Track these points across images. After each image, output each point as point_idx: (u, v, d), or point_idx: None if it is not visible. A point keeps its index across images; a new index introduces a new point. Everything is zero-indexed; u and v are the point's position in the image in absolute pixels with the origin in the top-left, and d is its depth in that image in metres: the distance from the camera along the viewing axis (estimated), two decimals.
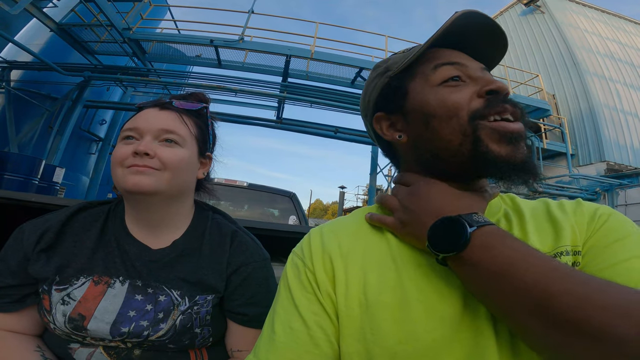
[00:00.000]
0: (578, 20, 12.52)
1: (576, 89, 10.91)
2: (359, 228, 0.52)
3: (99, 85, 7.10)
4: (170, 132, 0.66)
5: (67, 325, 0.59)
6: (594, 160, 9.81)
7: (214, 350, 0.70)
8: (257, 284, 0.71)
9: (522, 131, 0.45)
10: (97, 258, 0.65)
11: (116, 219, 0.70)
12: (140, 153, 0.61)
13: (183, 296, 0.65)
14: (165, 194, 0.65)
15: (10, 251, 0.64)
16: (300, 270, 0.50)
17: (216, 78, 6.95)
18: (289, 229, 1.26)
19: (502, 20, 14.53)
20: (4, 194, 1.08)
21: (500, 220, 0.48)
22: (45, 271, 0.62)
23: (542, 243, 0.43)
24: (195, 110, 0.74)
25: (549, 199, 0.51)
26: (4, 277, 0.62)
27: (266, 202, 3.21)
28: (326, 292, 0.46)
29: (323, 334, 0.44)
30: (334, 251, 0.49)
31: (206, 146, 0.76)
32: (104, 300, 0.61)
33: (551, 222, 0.46)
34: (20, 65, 6.69)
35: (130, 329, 0.61)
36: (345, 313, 0.44)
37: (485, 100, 0.46)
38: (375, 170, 7.33)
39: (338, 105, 6.87)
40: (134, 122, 0.67)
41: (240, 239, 0.74)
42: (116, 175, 0.64)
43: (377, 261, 0.47)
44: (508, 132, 0.44)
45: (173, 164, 0.64)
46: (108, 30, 6.13)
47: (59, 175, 5.41)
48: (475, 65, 0.50)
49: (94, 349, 0.62)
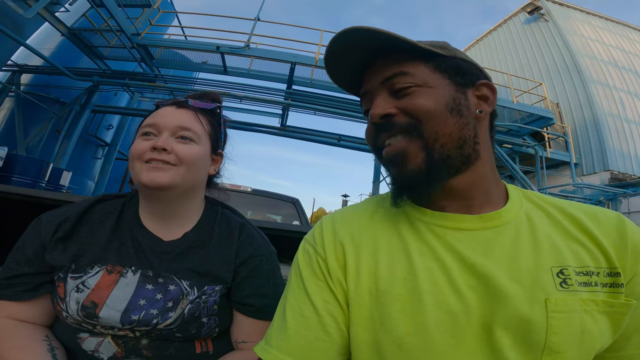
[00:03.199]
0: (582, 28, 12.48)
1: (580, 97, 10.84)
2: (371, 216, 0.52)
3: (107, 90, 7.17)
4: (187, 129, 0.69)
5: (80, 312, 0.61)
6: (598, 169, 9.72)
7: (219, 341, 0.72)
8: (264, 276, 0.73)
9: (397, 150, 0.47)
10: (111, 248, 0.67)
11: (130, 211, 0.73)
12: (158, 148, 0.65)
13: (192, 286, 0.67)
14: (180, 188, 0.68)
15: (27, 240, 0.66)
16: (311, 257, 0.50)
17: (222, 84, 7.00)
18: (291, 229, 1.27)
19: (506, 28, 14.51)
20: (19, 190, 1.14)
21: (520, 223, 0.46)
22: (61, 259, 0.64)
23: (576, 258, 0.42)
24: (209, 109, 0.78)
25: (581, 203, 0.50)
26: (20, 265, 0.64)
27: (269, 207, 3.21)
28: (337, 279, 0.46)
29: (333, 322, 0.45)
30: (345, 238, 0.49)
31: (218, 144, 0.79)
32: (116, 289, 0.63)
33: (585, 233, 0.44)
34: (31, 69, 6.77)
35: (140, 316, 0.62)
36: (355, 301, 0.45)
37: (374, 131, 0.50)
38: (378, 179, 7.31)
39: (341, 112, 6.89)
40: (153, 119, 0.70)
41: (248, 231, 0.77)
42: (134, 169, 0.67)
43: (388, 250, 0.46)
44: (390, 156, 0.48)
45: (188, 159, 0.68)
46: (117, 35, 6.21)
47: (65, 179, 5.46)
48: (375, 82, 0.50)
49: (102, 339, 0.63)
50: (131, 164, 0.68)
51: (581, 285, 0.40)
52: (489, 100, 0.50)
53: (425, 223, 0.48)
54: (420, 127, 0.45)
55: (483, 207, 0.48)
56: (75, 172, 6.43)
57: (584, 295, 0.39)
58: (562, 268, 0.40)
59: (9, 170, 4.60)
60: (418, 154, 0.45)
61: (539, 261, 0.41)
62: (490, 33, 15.44)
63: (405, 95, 0.46)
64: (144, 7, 6.38)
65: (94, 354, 0.62)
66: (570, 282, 0.39)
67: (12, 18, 5.17)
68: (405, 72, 0.47)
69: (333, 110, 6.92)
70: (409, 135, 0.45)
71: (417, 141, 0.45)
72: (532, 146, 8.15)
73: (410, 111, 0.45)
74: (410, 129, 0.45)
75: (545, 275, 0.40)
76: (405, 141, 0.45)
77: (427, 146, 0.45)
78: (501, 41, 14.63)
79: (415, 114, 0.45)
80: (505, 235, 0.44)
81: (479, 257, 0.42)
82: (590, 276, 0.40)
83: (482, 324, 0.39)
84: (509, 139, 7.89)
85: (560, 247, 0.42)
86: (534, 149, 8.19)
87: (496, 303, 0.39)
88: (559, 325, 0.37)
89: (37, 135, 6.52)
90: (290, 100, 6.91)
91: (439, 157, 0.44)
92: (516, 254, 0.42)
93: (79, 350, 0.63)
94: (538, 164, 8.23)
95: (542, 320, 0.37)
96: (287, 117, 7.41)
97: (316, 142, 7.56)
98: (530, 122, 8.18)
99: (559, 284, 0.39)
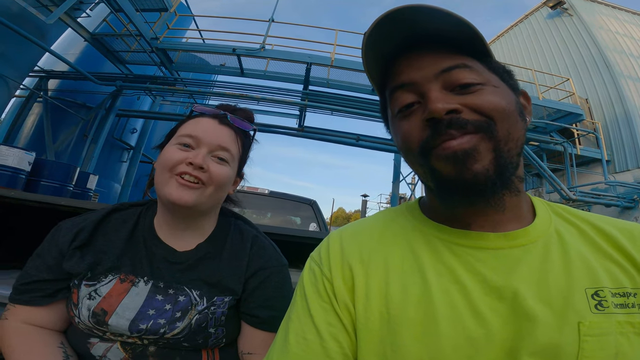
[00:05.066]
0: (608, 22, 12.07)
1: (610, 92, 10.43)
2: (382, 232, 0.49)
3: (130, 95, 7.37)
4: (225, 150, 0.70)
5: (91, 319, 0.62)
6: (631, 166, 9.29)
7: (225, 351, 0.72)
8: (273, 288, 0.73)
9: (469, 146, 0.39)
10: (125, 258, 0.68)
11: (146, 221, 0.74)
12: (195, 166, 0.65)
13: (202, 296, 0.68)
14: (202, 207, 0.69)
15: (47, 247, 0.68)
16: (317, 277, 0.47)
17: (239, 87, 7.07)
18: (307, 235, 1.24)
19: (528, 24, 14.20)
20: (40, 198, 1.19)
21: (550, 240, 0.43)
22: (79, 267, 0.65)
23: (611, 278, 0.39)
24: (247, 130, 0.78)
25: (614, 219, 0.47)
26: (40, 272, 0.66)
27: (287, 209, 3.22)
28: (343, 303, 0.44)
29: (338, 347, 0.42)
30: (354, 259, 0.46)
31: (242, 166, 0.80)
32: (127, 298, 0.64)
33: (620, 251, 0.41)
34: (57, 74, 7.02)
35: (148, 325, 0.63)
36: (364, 325, 0.42)
37: (429, 129, 0.42)
38: (398, 178, 7.21)
39: (359, 112, 6.83)
40: (193, 130, 0.69)
41: (260, 243, 0.77)
42: (162, 179, 0.66)
43: (400, 271, 0.44)
44: (449, 154, 0.40)
45: (219, 180, 0.69)
46: (137, 40, 6.36)
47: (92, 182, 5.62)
48: (428, 72, 0.43)
49: (111, 344, 0.64)
50: (160, 172, 0.67)
51: (617, 307, 0.37)
52: (527, 109, 0.48)
53: (443, 241, 0.45)
54: (494, 126, 0.40)
55: (510, 223, 0.44)
56: (102, 175, 6.61)
57: (620, 317, 0.36)
58: (598, 290, 0.38)
59: (37, 174, 4.76)
60: (487, 154, 0.39)
61: (572, 282, 0.38)
62: (511, 29, 15.11)
63: (470, 92, 0.42)
64: (161, 11, 6.49)
65: (102, 359, 0.63)
66: (606, 304, 0.37)
67: (35, 24, 5.35)
68: (468, 66, 0.43)
69: (350, 110, 6.88)
70: (481, 134, 0.40)
71: (488, 141, 0.40)
72: (560, 143, 7.93)
73: (482, 109, 0.41)
74: (483, 128, 0.40)
75: (578, 297, 0.37)
76: (475, 140, 0.39)
77: (497, 147, 0.40)
78: (523, 37, 14.29)
79: (489, 112, 0.40)
80: (534, 254, 0.41)
81: (504, 278, 0.39)
82: (627, 297, 0.38)
83: (505, 350, 0.36)
84: (536, 137, 7.66)
85: (594, 266, 0.40)
86: (562, 146, 7.98)
87: (522, 327, 0.36)
88: (592, 349, 0.34)
89: (65, 140, 6.75)
90: (307, 101, 6.91)
91: (505, 161, 0.40)
92: (546, 274, 0.39)
93: (88, 355, 0.64)
94: (567, 161, 7.98)
95: (573, 344, 0.35)
96: (304, 118, 7.41)
97: (334, 143, 7.54)
98: (558, 119, 7.97)
99: (594, 307, 0.37)
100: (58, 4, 4.90)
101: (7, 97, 5.83)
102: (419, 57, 0.44)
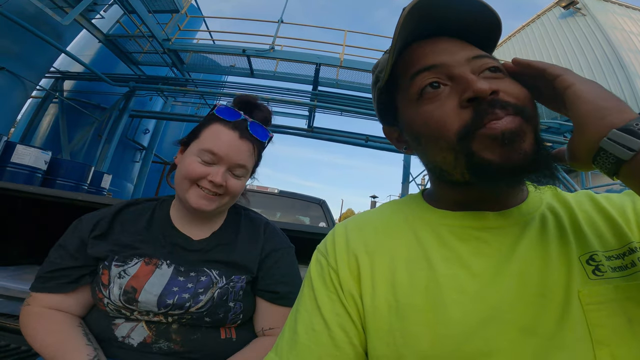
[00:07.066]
0: (622, 22, 11.83)
1: (625, 92, 10.20)
2: (387, 223, 0.49)
3: (143, 95, 7.49)
4: (242, 167, 0.77)
5: (122, 297, 0.67)
6: None
7: (242, 329, 0.77)
8: (287, 266, 0.82)
9: (515, 126, 0.37)
10: (145, 245, 0.74)
11: (162, 213, 0.81)
12: (216, 185, 0.72)
13: (221, 275, 0.74)
14: (218, 210, 0.78)
15: (69, 237, 0.74)
16: (323, 268, 0.48)
17: (249, 87, 7.13)
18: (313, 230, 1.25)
19: (540, 23, 13.98)
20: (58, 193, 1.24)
21: (545, 215, 0.43)
22: (105, 250, 0.71)
23: (602, 241, 0.39)
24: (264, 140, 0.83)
25: (591, 192, 0.47)
26: (64, 260, 0.71)
27: (297, 209, 3.23)
28: (349, 293, 0.44)
29: (345, 336, 0.42)
30: (359, 249, 0.47)
31: (255, 169, 0.85)
32: (153, 277, 0.70)
33: (605, 216, 0.42)
34: (72, 75, 7.17)
35: (174, 300, 0.68)
36: (372, 314, 0.42)
37: (471, 111, 0.39)
38: (407, 179, 7.15)
39: (368, 113, 6.81)
40: (215, 146, 0.73)
41: (272, 228, 0.87)
42: (183, 186, 0.74)
43: (406, 259, 0.44)
44: (497, 134, 0.37)
45: (235, 192, 0.77)
46: (150, 41, 6.47)
47: (106, 182, 5.74)
48: (459, 56, 0.42)
49: (136, 324, 0.68)
50: (181, 181, 0.74)
51: (616, 270, 0.36)
52: None
53: (447, 226, 0.45)
54: (530, 110, 0.40)
55: (507, 200, 0.45)
56: (115, 175, 6.74)
57: (620, 281, 0.35)
58: (592, 254, 0.38)
59: (53, 173, 4.88)
60: (530, 135, 0.39)
61: (569, 251, 0.39)
62: (523, 29, 14.89)
63: (499, 78, 0.42)
64: (172, 12, 6.58)
65: (125, 339, 0.67)
66: (603, 269, 0.36)
67: (51, 26, 5.49)
68: (492, 57, 0.43)
69: (359, 111, 6.87)
70: (521, 115, 0.39)
71: (527, 124, 0.39)
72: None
73: (516, 94, 0.40)
74: (521, 111, 0.39)
75: (575, 266, 0.37)
76: (518, 120, 0.38)
77: (535, 130, 0.40)
78: (535, 37, 14.08)
79: (522, 96, 0.40)
80: (532, 230, 0.41)
81: (509, 257, 0.39)
82: (622, 259, 0.37)
83: (518, 329, 0.35)
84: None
85: (585, 232, 0.40)
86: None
87: (533, 304, 0.36)
88: (599, 317, 0.34)
89: (80, 139, 6.89)
90: (316, 102, 6.92)
91: (540, 143, 0.40)
92: (547, 248, 0.39)
93: (112, 337, 0.67)
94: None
95: (580, 315, 0.34)
96: (313, 118, 7.42)
97: (344, 143, 7.53)
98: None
99: (591, 272, 0.36)
100: (73, 5, 5.01)
101: (24, 98, 5.98)
102: (447, 42, 0.44)
